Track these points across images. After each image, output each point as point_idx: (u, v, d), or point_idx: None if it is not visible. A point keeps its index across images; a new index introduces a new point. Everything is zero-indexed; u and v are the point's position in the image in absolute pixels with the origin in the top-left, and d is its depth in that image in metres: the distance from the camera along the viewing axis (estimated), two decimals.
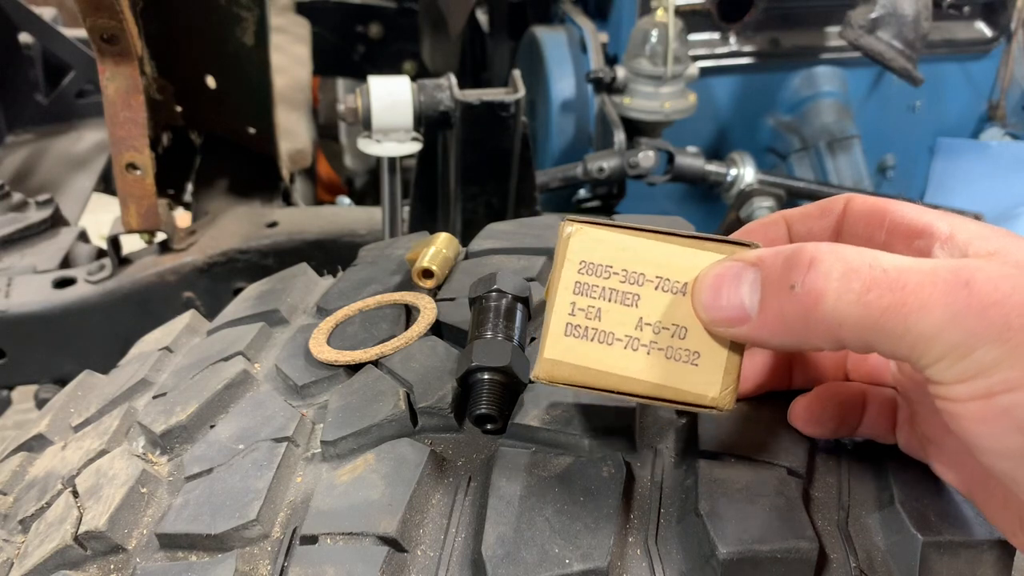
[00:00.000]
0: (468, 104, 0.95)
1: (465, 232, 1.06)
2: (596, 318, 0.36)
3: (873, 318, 0.31)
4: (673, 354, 0.36)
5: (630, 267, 0.36)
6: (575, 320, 0.36)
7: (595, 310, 0.36)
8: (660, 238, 0.36)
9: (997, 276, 0.30)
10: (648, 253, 0.36)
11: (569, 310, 0.36)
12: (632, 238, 0.36)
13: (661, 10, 1.32)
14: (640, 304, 0.36)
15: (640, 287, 0.36)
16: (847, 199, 0.39)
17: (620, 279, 0.36)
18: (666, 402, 0.36)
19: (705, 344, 0.36)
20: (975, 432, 0.31)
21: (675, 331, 0.36)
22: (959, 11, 1.59)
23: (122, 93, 0.97)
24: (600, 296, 0.36)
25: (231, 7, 1.22)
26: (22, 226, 1.21)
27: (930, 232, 0.35)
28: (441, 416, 0.47)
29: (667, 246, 0.36)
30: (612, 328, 0.36)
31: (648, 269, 0.36)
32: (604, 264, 0.36)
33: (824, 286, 0.32)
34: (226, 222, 1.18)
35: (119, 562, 0.45)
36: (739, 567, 0.37)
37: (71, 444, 0.56)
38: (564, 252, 0.36)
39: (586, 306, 0.36)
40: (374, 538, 0.40)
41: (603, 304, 0.36)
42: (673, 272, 0.36)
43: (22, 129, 1.69)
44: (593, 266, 0.36)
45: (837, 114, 1.54)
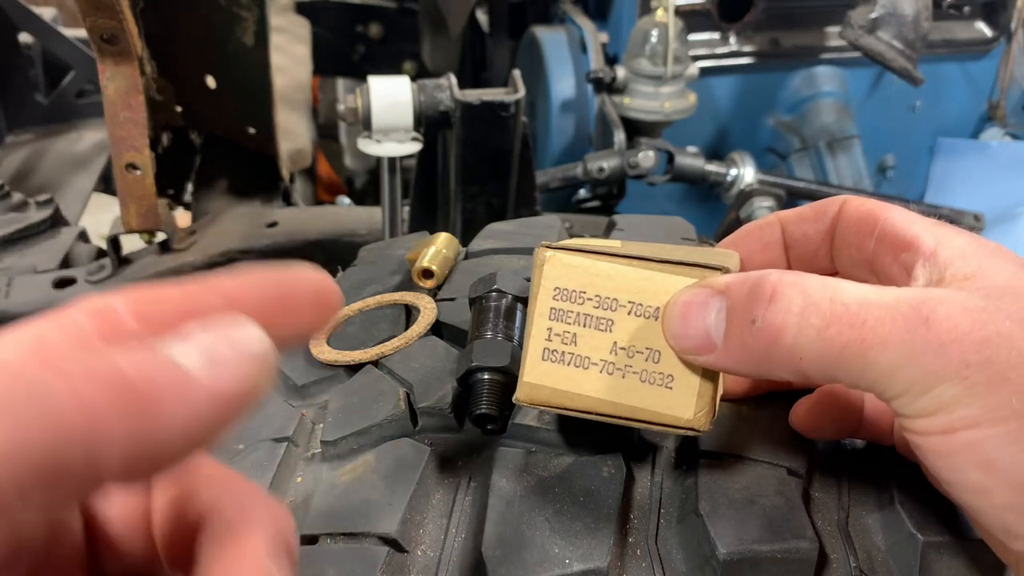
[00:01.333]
0: (468, 104, 0.95)
1: (465, 232, 1.06)
2: (572, 343, 0.37)
3: (833, 354, 0.31)
4: (647, 377, 0.36)
5: (603, 293, 0.36)
6: (552, 345, 0.37)
7: (571, 335, 0.37)
8: (632, 263, 0.36)
9: (958, 311, 0.30)
10: (620, 278, 0.36)
11: (546, 335, 0.37)
12: (604, 263, 0.37)
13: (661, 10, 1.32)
14: (614, 329, 0.36)
15: (614, 312, 0.36)
16: (842, 202, 0.39)
17: (594, 304, 0.37)
18: (643, 423, 0.37)
19: (678, 368, 0.36)
20: (938, 465, 0.32)
21: (649, 355, 0.36)
22: (959, 11, 1.59)
23: (122, 93, 0.97)
24: (575, 322, 0.37)
25: (231, 7, 1.22)
26: (22, 226, 1.21)
27: (916, 246, 0.35)
28: (441, 416, 0.47)
29: (639, 271, 0.36)
30: (587, 353, 0.37)
31: (621, 295, 0.36)
32: (578, 290, 0.37)
33: (783, 321, 0.32)
34: (226, 222, 1.18)
35: None
36: (739, 567, 0.37)
37: None
38: (539, 279, 0.37)
39: (562, 331, 0.37)
40: (374, 538, 0.40)
41: (578, 329, 0.37)
42: (645, 297, 0.36)
43: (22, 129, 1.69)
44: (567, 292, 0.37)
45: (837, 114, 1.54)
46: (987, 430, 0.30)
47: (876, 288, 0.32)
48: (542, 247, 0.37)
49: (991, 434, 0.30)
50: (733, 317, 0.34)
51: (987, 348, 0.30)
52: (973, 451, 0.30)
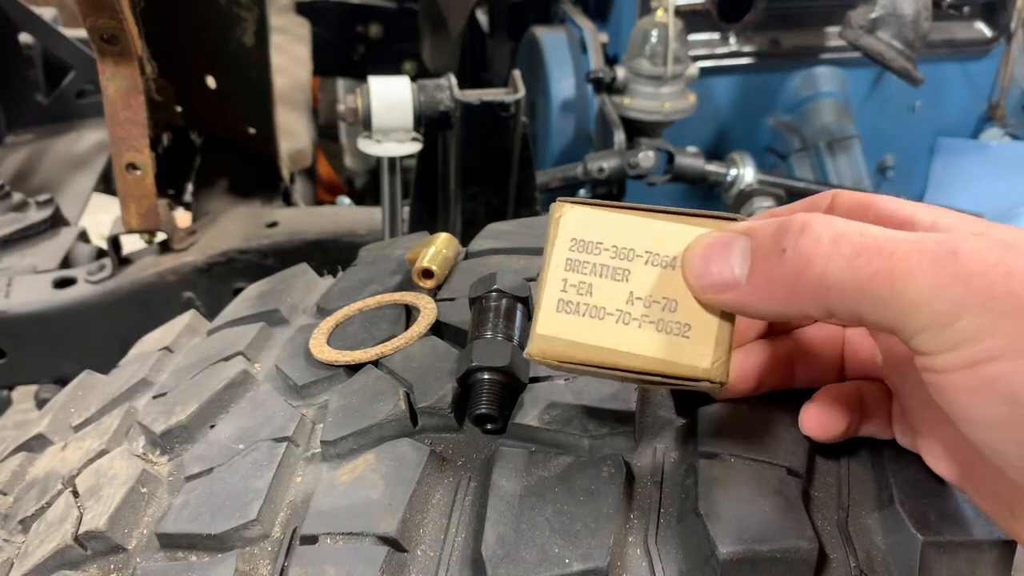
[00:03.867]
0: (468, 104, 0.95)
1: (465, 232, 1.06)
2: (587, 293, 0.36)
3: (861, 283, 0.31)
4: (664, 327, 0.36)
5: (620, 243, 0.36)
6: (567, 296, 0.36)
7: (586, 285, 0.36)
8: (650, 215, 0.37)
9: (983, 248, 0.30)
10: (638, 229, 0.36)
11: (561, 286, 0.36)
12: (622, 215, 0.37)
13: (661, 10, 1.32)
14: (631, 278, 0.36)
15: (630, 262, 0.36)
16: (833, 194, 0.40)
17: (611, 255, 0.36)
18: (659, 377, 0.36)
19: (696, 316, 0.36)
20: (960, 403, 0.31)
21: (666, 304, 0.36)
22: (959, 11, 1.59)
23: (122, 93, 0.97)
24: (591, 272, 0.36)
25: (231, 7, 1.22)
26: (22, 226, 1.21)
27: (912, 223, 0.36)
28: (441, 416, 0.47)
29: (656, 222, 0.36)
30: (603, 303, 0.36)
31: (638, 244, 0.36)
32: (594, 241, 0.36)
33: (814, 249, 0.32)
34: (226, 222, 1.18)
35: (119, 562, 0.45)
36: (739, 567, 0.37)
37: (71, 444, 0.56)
38: (556, 230, 0.37)
39: (577, 282, 0.36)
40: (374, 538, 0.40)
41: (594, 279, 0.36)
42: (662, 246, 0.36)
43: (22, 129, 1.69)
44: (584, 243, 0.36)
45: (837, 114, 1.54)
46: (1012, 362, 0.29)
47: (899, 231, 0.33)
48: (559, 201, 0.37)
49: (1017, 366, 0.29)
50: (759, 252, 0.34)
51: (1012, 281, 0.29)
52: (998, 384, 0.30)
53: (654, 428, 0.46)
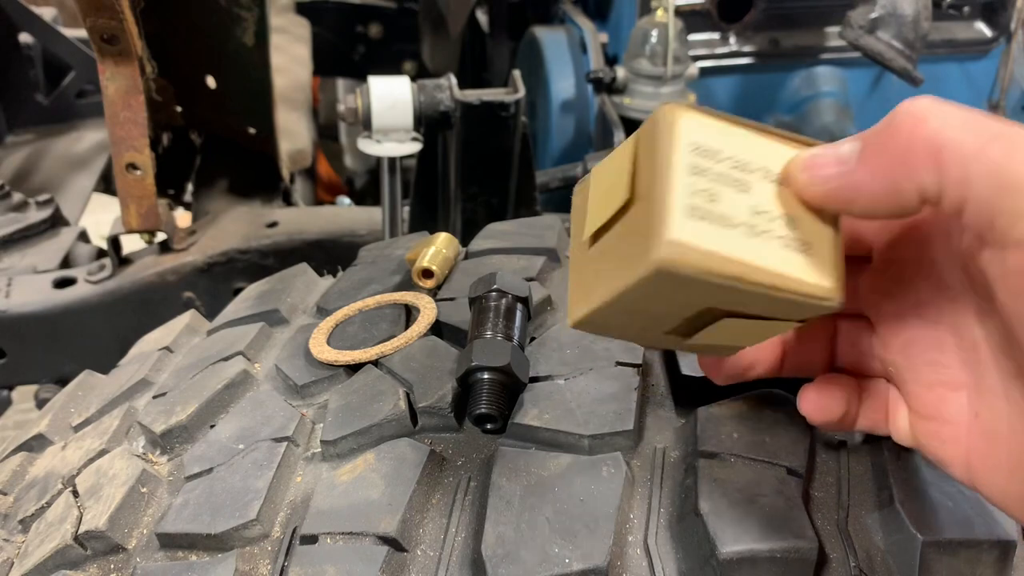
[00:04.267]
0: (468, 104, 0.95)
1: (465, 232, 1.06)
2: (714, 201, 0.33)
3: (977, 146, 0.30)
4: (788, 243, 0.34)
5: (737, 154, 0.34)
6: (694, 201, 0.33)
7: (711, 193, 0.33)
8: (761, 132, 0.35)
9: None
10: (751, 142, 0.35)
11: (687, 191, 0.33)
12: (735, 127, 0.35)
13: (661, 10, 1.32)
14: (751, 191, 0.34)
15: (749, 174, 0.34)
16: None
17: (730, 164, 0.34)
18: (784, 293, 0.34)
19: (814, 233, 0.35)
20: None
21: (786, 221, 0.34)
22: (959, 11, 1.59)
23: (122, 93, 0.97)
24: (714, 179, 0.34)
25: (231, 7, 1.22)
26: (22, 226, 1.21)
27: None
28: (441, 416, 0.47)
29: (767, 136, 0.35)
30: (730, 212, 0.33)
31: (753, 158, 0.35)
32: (714, 149, 0.34)
33: (928, 110, 0.32)
34: (226, 222, 1.18)
35: (119, 562, 0.45)
36: (739, 567, 0.37)
37: (71, 444, 0.56)
38: (671, 133, 0.34)
39: (703, 188, 0.33)
40: (374, 538, 0.40)
41: (718, 187, 0.34)
42: (774, 162, 0.35)
43: (22, 129, 1.69)
44: (704, 149, 0.34)
45: (837, 114, 1.54)
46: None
47: None
48: (667, 106, 0.34)
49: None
50: (869, 132, 0.33)
51: None
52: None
53: (654, 428, 0.46)
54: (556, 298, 0.57)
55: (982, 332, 0.36)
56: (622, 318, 0.36)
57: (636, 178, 0.35)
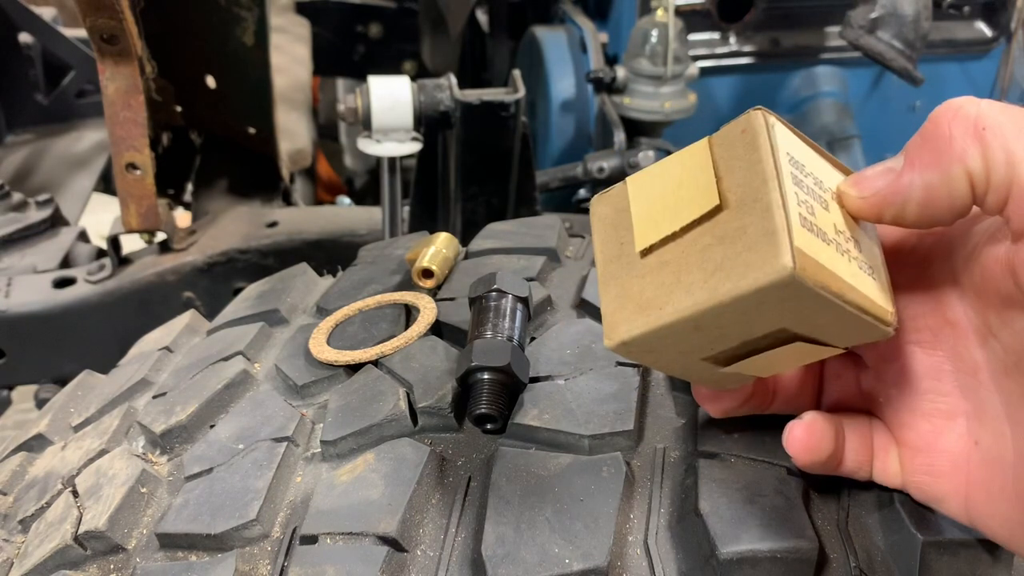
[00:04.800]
0: (468, 104, 0.95)
1: (465, 232, 1.06)
2: (812, 214, 0.32)
3: (1019, 127, 0.30)
4: (862, 264, 0.34)
5: (816, 172, 0.34)
6: (803, 212, 0.32)
7: (809, 206, 0.32)
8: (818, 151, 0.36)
9: None
10: (818, 161, 0.35)
11: (796, 200, 0.32)
12: (805, 143, 0.35)
13: (661, 10, 1.32)
14: (830, 209, 0.34)
15: (824, 192, 0.34)
16: None
17: (812, 181, 0.34)
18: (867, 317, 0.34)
19: (874, 257, 0.35)
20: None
21: (855, 243, 0.34)
22: (959, 11, 1.59)
23: (122, 93, 0.97)
24: (808, 194, 0.33)
25: (231, 7, 1.22)
26: (22, 226, 1.21)
27: None
28: (441, 416, 0.47)
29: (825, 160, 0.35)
30: (824, 227, 0.32)
31: (826, 179, 0.35)
32: (801, 162, 0.34)
33: (965, 101, 0.32)
34: (226, 222, 1.18)
35: (119, 562, 0.45)
36: (739, 567, 0.37)
37: (71, 444, 0.56)
38: (766, 141, 0.32)
39: (803, 200, 0.32)
40: (374, 538, 0.40)
41: (812, 201, 0.33)
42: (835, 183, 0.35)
43: (22, 129, 1.69)
44: (795, 162, 0.33)
45: (837, 114, 1.54)
46: None
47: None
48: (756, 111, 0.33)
49: None
50: (910, 143, 0.34)
51: None
52: None
53: (654, 428, 0.46)
54: (556, 298, 0.57)
55: (983, 355, 0.36)
56: (676, 339, 0.34)
57: (723, 184, 0.33)
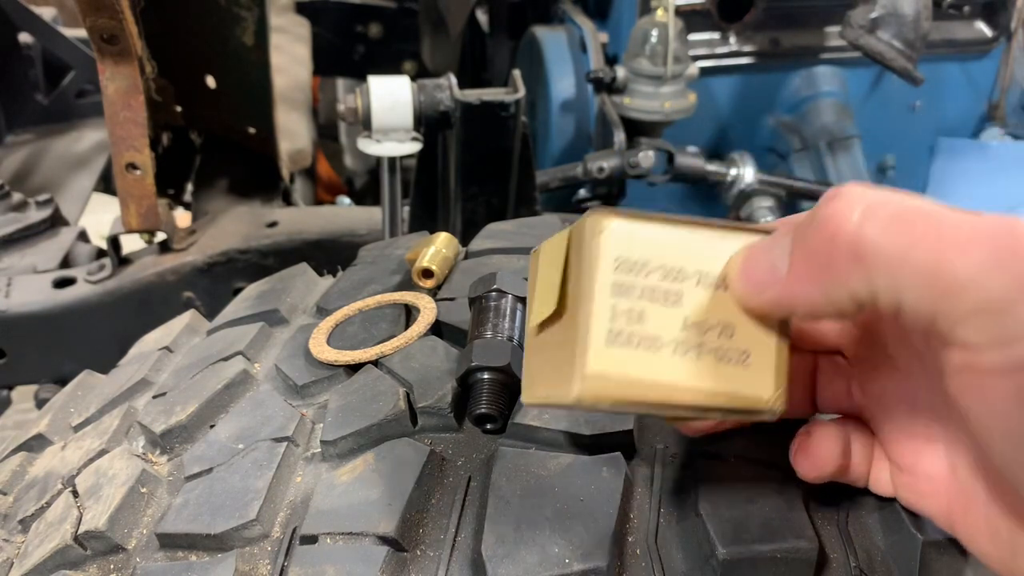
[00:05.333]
0: (468, 104, 0.95)
1: (465, 232, 1.06)
2: (639, 321, 0.32)
3: (901, 250, 0.27)
4: (723, 355, 0.33)
5: (669, 262, 0.32)
6: (617, 325, 0.32)
7: (637, 312, 0.32)
8: (694, 227, 0.33)
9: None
10: (685, 245, 0.32)
11: (609, 315, 0.31)
12: (668, 229, 0.32)
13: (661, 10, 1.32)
14: (683, 302, 0.32)
15: (681, 283, 0.32)
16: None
17: (660, 276, 0.32)
18: (721, 411, 0.33)
19: (753, 341, 0.33)
20: (998, 410, 0.27)
21: (722, 330, 0.33)
22: (959, 11, 1.59)
23: (122, 93, 0.97)
24: (641, 296, 0.32)
25: (231, 7, 1.22)
26: (22, 226, 1.21)
27: None
28: (441, 416, 0.47)
29: (703, 235, 0.33)
30: (658, 331, 0.32)
31: (687, 263, 0.32)
32: (641, 261, 0.32)
33: (847, 211, 0.29)
34: (226, 222, 1.18)
35: (119, 562, 0.44)
36: (739, 567, 0.37)
37: (71, 444, 0.56)
38: (595, 250, 0.32)
39: (627, 308, 0.32)
40: (374, 538, 0.40)
41: (645, 305, 0.32)
42: (711, 263, 0.33)
43: (22, 129, 1.69)
44: (630, 263, 0.32)
45: (837, 114, 1.54)
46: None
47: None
48: (595, 214, 0.32)
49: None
50: (797, 235, 0.31)
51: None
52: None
53: (654, 428, 0.46)
54: None
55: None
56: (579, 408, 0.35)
57: (565, 287, 0.34)
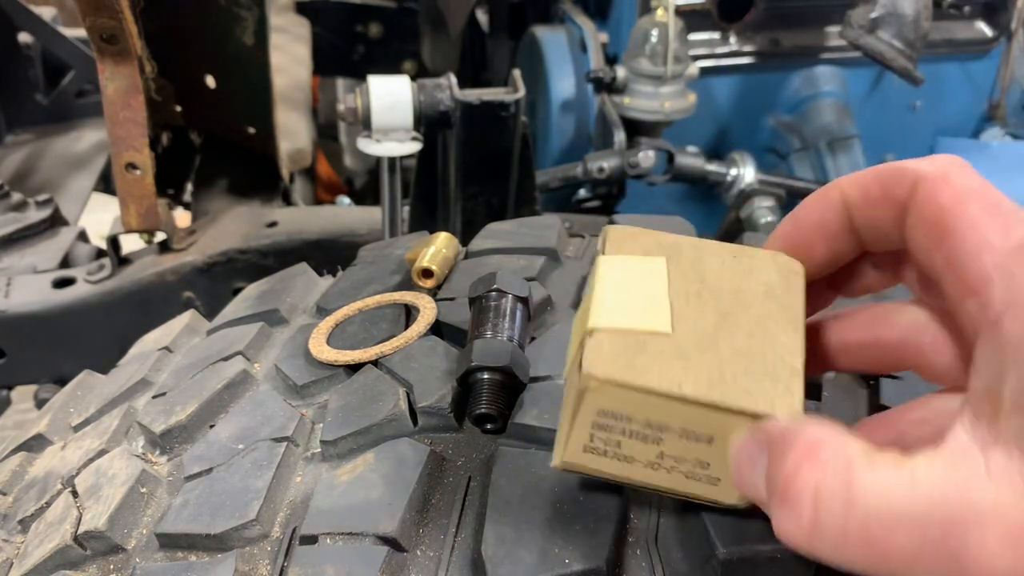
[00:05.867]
0: (468, 104, 0.95)
1: (465, 232, 1.06)
2: (616, 446, 0.35)
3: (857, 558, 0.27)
4: (693, 475, 0.35)
5: (653, 418, 0.34)
6: (594, 444, 0.35)
7: (615, 441, 0.35)
8: (683, 402, 0.33)
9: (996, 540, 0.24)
10: (672, 410, 0.33)
11: (587, 439, 0.35)
12: (654, 399, 0.33)
13: (661, 10, 1.32)
14: (663, 443, 0.34)
15: (663, 432, 0.34)
16: (913, 181, 0.31)
17: (642, 425, 0.34)
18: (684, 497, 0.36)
19: (727, 473, 0.34)
20: None
21: (697, 463, 0.35)
22: (959, 11, 1.59)
23: (122, 93, 0.97)
24: (620, 433, 0.34)
25: (231, 7, 1.22)
26: (22, 226, 1.21)
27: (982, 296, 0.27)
28: (441, 416, 0.47)
29: (690, 409, 0.33)
30: (633, 454, 0.35)
31: (673, 422, 0.34)
32: (624, 414, 0.34)
33: (798, 522, 0.28)
34: (226, 222, 1.18)
35: (119, 562, 0.44)
36: (739, 567, 0.37)
37: (71, 444, 0.56)
38: (579, 402, 0.34)
39: (605, 438, 0.35)
40: (374, 538, 0.40)
41: (623, 439, 0.35)
42: (699, 428, 0.33)
43: (22, 129, 1.69)
44: (612, 414, 0.34)
45: (837, 114, 1.54)
46: None
47: (906, 480, 0.26)
48: (585, 374, 0.33)
49: None
50: (769, 484, 0.30)
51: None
52: None
53: None
54: (556, 298, 0.56)
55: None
56: None
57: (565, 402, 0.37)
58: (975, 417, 0.26)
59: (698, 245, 0.38)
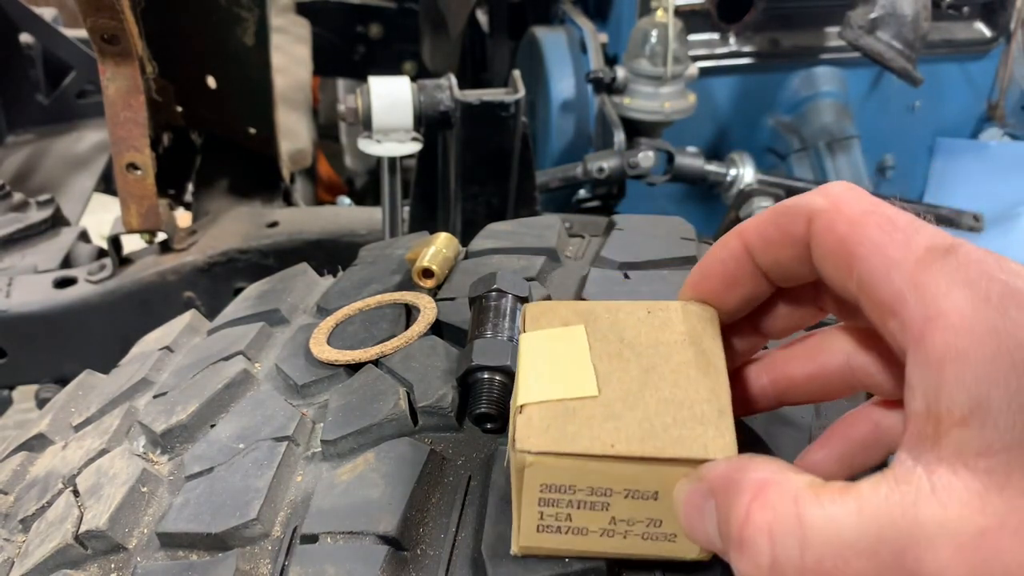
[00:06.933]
0: (468, 104, 0.95)
1: (465, 232, 1.06)
2: (567, 520, 0.35)
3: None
4: (650, 536, 0.35)
5: (596, 484, 0.34)
6: (545, 522, 0.35)
7: (564, 515, 0.35)
8: (620, 460, 0.33)
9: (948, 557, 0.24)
10: (612, 472, 0.33)
11: (538, 517, 0.35)
12: (592, 463, 0.33)
13: (661, 10, 1.32)
14: (611, 508, 0.34)
15: (609, 497, 0.34)
16: (807, 217, 0.32)
17: (586, 493, 0.34)
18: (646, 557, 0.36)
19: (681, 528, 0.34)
20: None
21: (650, 523, 0.35)
22: (959, 11, 1.59)
23: (123, 93, 0.97)
24: (568, 505, 0.35)
25: (231, 7, 1.22)
26: (23, 226, 1.21)
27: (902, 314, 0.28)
28: (441, 415, 0.47)
29: (628, 466, 0.33)
30: (584, 525, 0.35)
31: (615, 484, 0.34)
32: (567, 484, 0.34)
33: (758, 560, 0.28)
34: (226, 222, 1.19)
35: (120, 561, 0.45)
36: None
37: (72, 443, 0.56)
38: (521, 479, 0.34)
39: (554, 513, 0.35)
40: (374, 537, 0.40)
41: (571, 511, 0.35)
42: (642, 484, 0.34)
43: (23, 129, 1.69)
44: (555, 487, 0.34)
45: (837, 114, 1.54)
46: None
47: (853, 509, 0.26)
48: (519, 451, 0.33)
49: None
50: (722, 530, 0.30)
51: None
52: None
53: None
54: (556, 298, 0.57)
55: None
56: None
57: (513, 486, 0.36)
58: (918, 439, 0.27)
59: (612, 308, 0.39)
